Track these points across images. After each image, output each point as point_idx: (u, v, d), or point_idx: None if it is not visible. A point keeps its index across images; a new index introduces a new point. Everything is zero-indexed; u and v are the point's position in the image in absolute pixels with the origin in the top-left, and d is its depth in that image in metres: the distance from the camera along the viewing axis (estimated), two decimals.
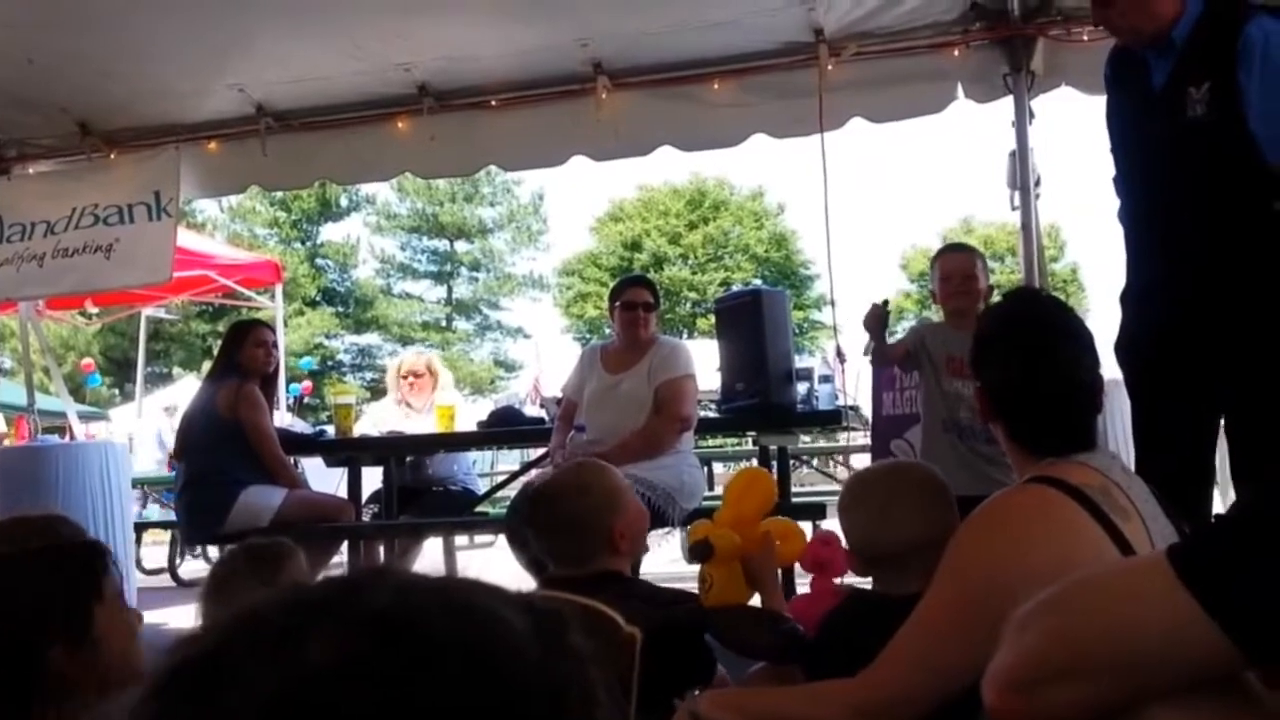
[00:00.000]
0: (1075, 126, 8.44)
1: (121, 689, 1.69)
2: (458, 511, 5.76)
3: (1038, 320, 2.01)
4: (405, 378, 6.07)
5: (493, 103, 5.77)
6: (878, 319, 4.14)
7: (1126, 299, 3.42)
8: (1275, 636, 1.06)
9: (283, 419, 10.00)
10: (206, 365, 7.17)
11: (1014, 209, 5.15)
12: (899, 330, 4.30)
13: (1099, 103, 3.57)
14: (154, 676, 0.54)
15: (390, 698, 0.50)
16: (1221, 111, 3.03)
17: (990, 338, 2.05)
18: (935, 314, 4.25)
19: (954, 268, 4.18)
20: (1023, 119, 5.12)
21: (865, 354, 4.35)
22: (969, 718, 1.80)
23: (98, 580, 1.74)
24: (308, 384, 18.76)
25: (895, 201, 59.72)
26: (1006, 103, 5.16)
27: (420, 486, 5.88)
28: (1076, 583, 1.22)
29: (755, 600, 2.63)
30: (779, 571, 2.75)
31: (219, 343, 5.95)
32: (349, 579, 0.59)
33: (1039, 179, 5.09)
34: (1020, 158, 5.12)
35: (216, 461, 5.13)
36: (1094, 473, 1.77)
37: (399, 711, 0.49)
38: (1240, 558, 1.09)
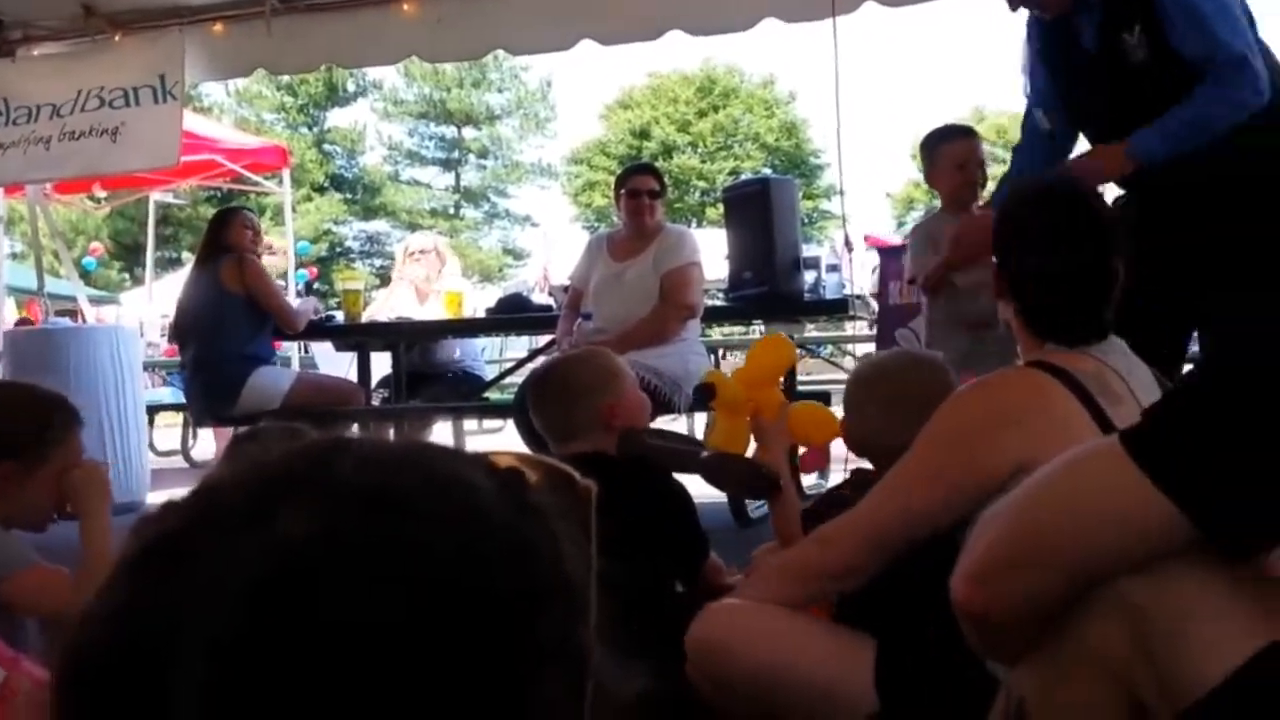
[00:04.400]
0: None
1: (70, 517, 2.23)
2: (466, 396, 5.83)
3: (1066, 203, 1.93)
4: (412, 255, 6.08)
5: None
6: None
7: None
8: (1231, 512, 1.07)
9: (294, 303, 10.04)
10: None
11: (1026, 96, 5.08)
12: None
13: None
14: (123, 556, 0.54)
15: (374, 566, 0.51)
16: (1158, 50, 2.93)
17: (1018, 218, 1.98)
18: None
19: (968, 154, 4.07)
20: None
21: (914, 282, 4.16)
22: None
23: (64, 423, 2.22)
24: (313, 269, 18.79)
25: (906, 90, 58.70)
26: None
27: (429, 372, 5.94)
28: (1036, 475, 1.22)
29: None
30: (788, 447, 2.69)
31: None
32: (309, 450, 0.58)
33: None
34: None
35: (222, 342, 5.18)
36: (1090, 359, 1.76)
37: (383, 579, 0.50)
38: (1191, 433, 1.09)
